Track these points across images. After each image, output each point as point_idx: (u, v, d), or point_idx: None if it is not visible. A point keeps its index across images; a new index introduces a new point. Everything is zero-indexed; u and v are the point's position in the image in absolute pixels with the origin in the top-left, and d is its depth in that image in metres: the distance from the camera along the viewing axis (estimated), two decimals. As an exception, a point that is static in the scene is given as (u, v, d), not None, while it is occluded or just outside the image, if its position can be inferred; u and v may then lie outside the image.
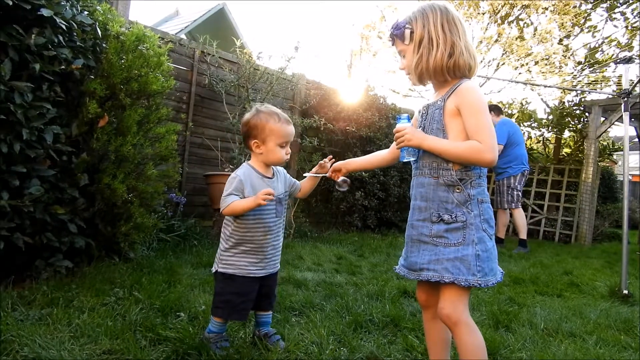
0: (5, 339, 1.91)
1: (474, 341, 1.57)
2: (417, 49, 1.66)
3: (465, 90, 1.60)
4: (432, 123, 1.68)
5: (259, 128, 2.05)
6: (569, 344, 2.52)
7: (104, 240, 3.29)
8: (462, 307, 1.59)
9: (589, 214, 8.16)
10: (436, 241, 1.62)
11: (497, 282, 1.63)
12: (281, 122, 2.06)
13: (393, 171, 7.34)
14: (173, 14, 16.46)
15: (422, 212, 1.67)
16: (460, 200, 1.61)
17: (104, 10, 3.28)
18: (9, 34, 2.44)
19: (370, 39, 11.06)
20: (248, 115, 2.11)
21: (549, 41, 9.62)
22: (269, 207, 2.06)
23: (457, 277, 1.56)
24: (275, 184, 2.13)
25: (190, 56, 5.36)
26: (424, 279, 1.63)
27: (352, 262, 4.56)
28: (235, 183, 2.02)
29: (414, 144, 1.67)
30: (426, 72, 1.66)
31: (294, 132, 2.14)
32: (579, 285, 4.17)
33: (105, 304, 2.48)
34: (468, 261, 1.56)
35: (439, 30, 1.63)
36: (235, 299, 2.05)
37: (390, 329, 2.56)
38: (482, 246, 1.58)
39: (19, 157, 2.54)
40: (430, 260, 1.62)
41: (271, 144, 2.05)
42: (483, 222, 1.60)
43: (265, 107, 2.11)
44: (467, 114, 1.58)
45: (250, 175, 2.07)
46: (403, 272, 1.74)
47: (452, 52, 1.62)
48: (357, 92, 7.10)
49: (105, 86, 3.12)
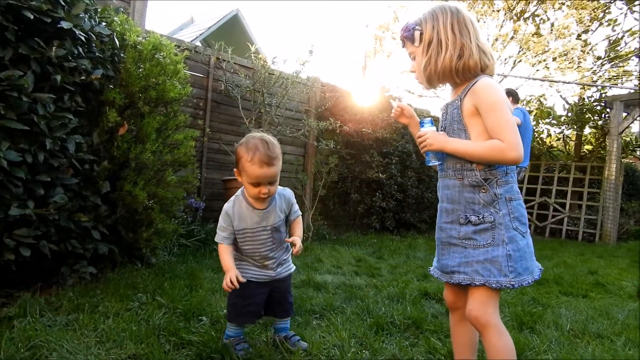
0: (34, 344, 1.95)
1: (503, 344, 1.54)
2: (426, 50, 1.65)
3: (480, 88, 1.57)
4: (452, 123, 1.66)
5: (237, 159, 1.99)
6: (597, 345, 2.46)
7: (126, 246, 3.34)
8: (492, 309, 1.55)
9: (613, 211, 7.99)
10: (465, 243, 1.59)
11: (535, 280, 1.58)
12: (252, 162, 1.90)
13: (410, 172, 7.30)
14: (188, 21, 16.66)
15: (450, 215, 1.65)
16: (487, 200, 1.57)
17: (121, 21, 3.34)
18: (31, 47, 2.50)
19: (384, 39, 11.03)
20: (241, 140, 2.03)
21: (567, 37, 9.45)
22: (264, 237, 2.09)
23: (488, 279, 1.53)
24: (269, 214, 2.08)
25: (205, 63, 5.42)
26: (456, 282, 1.61)
27: (371, 264, 4.54)
28: (223, 216, 2.08)
29: (435, 148, 1.65)
30: (434, 74, 1.64)
31: (273, 173, 1.94)
32: (605, 285, 4.08)
33: (129, 309, 2.51)
34: (499, 262, 1.53)
35: (449, 32, 1.61)
36: (240, 302, 2.09)
37: (412, 331, 2.54)
38: (514, 245, 1.54)
39: (43, 166, 2.60)
40: (460, 263, 1.59)
41: (244, 179, 1.99)
42: (513, 221, 1.56)
43: (253, 138, 1.96)
44: (485, 112, 1.55)
45: (240, 205, 2.07)
46: (437, 274, 1.73)
47: (462, 54, 1.60)
48: (372, 94, 7.09)
49: (124, 95, 3.17)
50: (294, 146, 6.44)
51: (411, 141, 7.29)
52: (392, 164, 6.98)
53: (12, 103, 2.38)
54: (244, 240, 2.09)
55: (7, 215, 2.40)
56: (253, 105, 5.58)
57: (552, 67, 9.81)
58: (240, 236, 2.09)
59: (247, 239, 2.09)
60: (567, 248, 6.87)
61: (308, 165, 6.56)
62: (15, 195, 2.45)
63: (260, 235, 2.08)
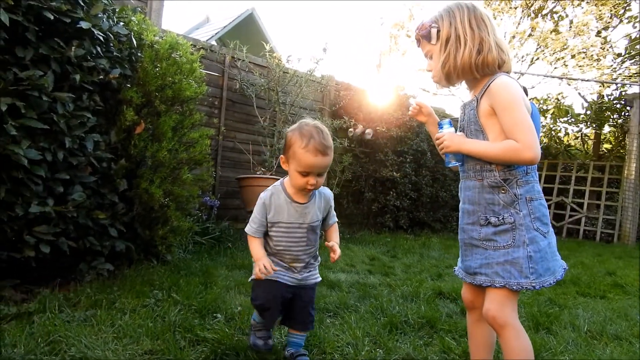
0: (54, 339, 1.99)
1: (521, 345, 1.53)
2: (444, 47, 1.62)
3: (496, 87, 1.54)
4: (469, 124, 1.64)
5: (288, 145, 1.87)
6: (615, 347, 2.42)
7: (143, 244, 3.38)
8: (510, 309, 1.54)
9: (632, 212, 7.84)
10: (486, 244, 1.58)
11: (557, 281, 1.57)
12: (307, 149, 1.79)
13: (425, 171, 7.26)
14: (204, 21, 16.77)
15: (471, 216, 1.64)
16: (507, 201, 1.55)
17: (139, 21, 3.38)
18: (51, 47, 2.55)
19: (399, 37, 10.99)
20: (292, 127, 1.92)
21: (586, 34, 9.29)
22: (298, 236, 1.94)
23: (509, 281, 1.51)
24: (308, 210, 1.95)
25: (221, 62, 5.46)
26: (477, 283, 1.60)
27: (385, 263, 4.53)
28: (258, 207, 1.93)
29: (452, 150, 1.64)
30: (454, 70, 1.62)
31: (326, 163, 1.84)
32: (624, 286, 4.01)
33: (146, 306, 2.55)
34: (520, 264, 1.51)
35: (467, 28, 1.59)
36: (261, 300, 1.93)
37: (426, 330, 2.53)
38: (535, 247, 1.52)
39: (62, 164, 2.64)
40: (481, 265, 1.59)
41: (292, 167, 1.86)
42: (534, 221, 1.54)
43: (307, 125, 1.86)
44: (501, 112, 1.53)
45: (279, 196, 1.92)
46: (461, 275, 1.72)
47: (481, 49, 1.57)
48: (387, 92, 7.06)
49: (141, 94, 3.21)
50: (308, 145, 6.43)
51: (426, 140, 7.25)
52: (406, 162, 6.95)
53: (33, 102, 2.43)
54: (277, 235, 1.94)
55: (27, 212, 2.45)
56: (267, 104, 5.61)
57: (571, 64, 9.66)
58: (274, 230, 1.94)
59: (280, 234, 1.94)
60: (585, 248, 6.77)
61: (322, 163, 6.55)
62: (35, 193, 2.50)
63: (295, 232, 1.94)
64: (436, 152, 1.75)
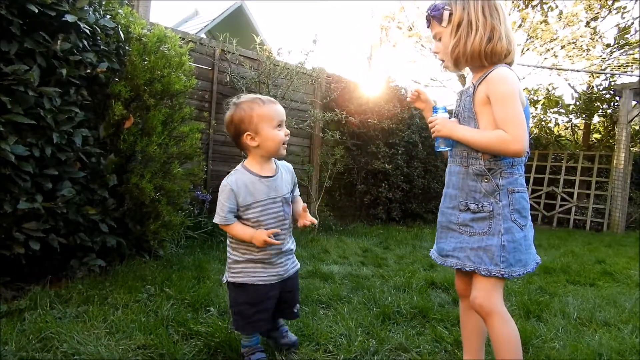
0: (45, 336, 1.98)
1: (507, 331, 1.56)
2: (455, 32, 1.61)
3: (495, 77, 1.55)
4: (464, 111, 1.66)
5: (247, 119, 1.89)
6: (604, 333, 2.46)
7: (134, 239, 3.37)
8: (496, 297, 1.58)
9: (621, 201, 7.93)
10: (462, 229, 1.63)
11: (527, 273, 1.60)
12: (266, 104, 1.90)
13: (416, 162, 7.28)
14: (192, 14, 16.61)
15: (453, 200, 1.68)
16: (488, 190, 1.58)
17: (126, 14, 3.34)
18: (36, 41, 2.51)
19: (389, 29, 10.95)
20: (229, 112, 1.95)
21: (576, 24, 9.33)
22: (275, 211, 1.93)
23: (478, 267, 1.56)
24: (277, 183, 1.95)
25: (210, 55, 5.42)
26: (448, 265, 1.66)
27: (377, 254, 4.55)
28: (226, 194, 1.86)
29: (443, 134, 1.66)
30: (463, 56, 1.61)
31: (284, 110, 1.98)
32: (613, 273, 4.06)
33: (138, 301, 2.54)
34: (492, 251, 1.55)
35: (479, 14, 1.58)
36: (248, 310, 1.90)
37: (418, 320, 2.55)
38: (509, 237, 1.55)
39: (50, 160, 2.62)
40: (455, 248, 1.64)
41: (266, 130, 1.88)
42: (513, 213, 1.57)
43: (243, 97, 1.97)
44: (495, 102, 1.54)
45: (244, 180, 1.89)
46: (434, 256, 1.77)
47: (492, 37, 1.57)
48: (378, 84, 7.06)
49: (130, 88, 3.18)
50: (299, 137, 6.43)
51: (417, 131, 7.26)
52: (398, 154, 6.96)
53: (19, 97, 2.40)
54: (253, 216, 1.89)
55: (16, 209, 2.43)
56: (258, 97, 5.57)
57: (561, 55, 9.70)
58: (250, 212, 1.89)
59: (257, 214, 1.89)
60: (575, 237, 6.84)
61: (314, 156, 6.56)
62: (23, 189, 2.47)
63: (271, 208, 1.91)
64: (428, 143, 1.76)
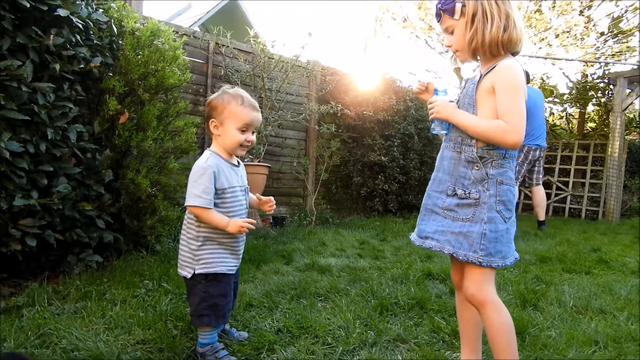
0: (44, 332, 1.98)
1: (500, 320, 1.58)
2: (471, 23, 1.59)
3: (502, 68, 1.56)
4: (464, 97, 1.67)
5: (219, 109, 1.92)
6: (599, 320, 2.48)
7: (131, 234, 3.36)
8: (488, 287, 1.59)
9: (616, 189, 7.97)
10: (446, 213, 1.64)
11: (505, 266, 1.62)
12: (244, 106, 1.91)
13: (412, 154, 7.28)
14: (186, 7, 16.45)
15: (441, 184, 1.69)
16: (477, 177, 1.60)
17: (118, 7, 3.31)
18: (29, 35, 2.49)
19: (384, 21, 10.91)
20: (213, 95, 1.98)
21: (569, 13, 9.32)
22: (241, 200, 1.96)
23: (457, 251, 1.58)
24: (241, 172, 2.02)
25: (205, 48, 5.38)
26: (426, 247, 1.68)
27: (375, 246, 4.56)
28: (209, 175, 1.83)
29: (442, 117, 1.66)
30: (481, 47, 1.59)
31: (260, 119, 1.99)
32: (608, 261, 4.09)
33: (136, 296, 2.55)
34: (472, 238, 1.57)
35: (493, 3, 1.57)
36: (221, 302, 1.87)
37: (416, 311, 2.57)
38: (492, 226, 1.57)
39: (45, 156, 2.60)
40: (435, 231, 1.65)
41: (229, 127, 1.91)
42: (498, 204, 1.58)
43: (232, 89, 1.98)
44: (500, 92, 1.55)
45: (220, 164, 1.90)
46: (413, 238, 1.78)
47: (507, 25, 1.56)
48: (373, 76, 7.03)
49: (124, 83, 3.16)
50: (295, 130, 6.42)
51: (413, 123, 7.25)
52: (394, 146, 6.96)
53: (12, 93, 2.38)
54: (226, 202, 1.90)
55: (11, 205, 2.42)
56: (253, 91, 5.55)
57: (555, 44, 9.70)
58: (224, 197, 1.89)
59: (229, 201, 1.90)
60: (570, 226, 6.88)
61: (310, 149, 6.55)
62: (18, 186, 2.46)
63: (239, 196, 1.95)
64: (424, 135, 1.77)
